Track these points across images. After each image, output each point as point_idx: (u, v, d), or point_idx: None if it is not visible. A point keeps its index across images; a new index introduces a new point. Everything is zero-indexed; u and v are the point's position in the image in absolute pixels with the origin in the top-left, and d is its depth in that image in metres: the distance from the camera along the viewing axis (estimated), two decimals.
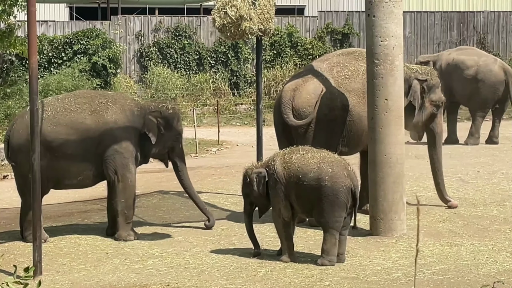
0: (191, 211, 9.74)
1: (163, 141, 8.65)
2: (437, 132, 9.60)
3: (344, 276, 7.03)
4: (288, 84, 9.05)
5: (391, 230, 8.32)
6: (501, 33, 23.68)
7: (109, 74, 18.92)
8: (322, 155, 7.44)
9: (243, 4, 9.65)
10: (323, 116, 8.77)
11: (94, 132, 8.42)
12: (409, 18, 22.69)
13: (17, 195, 11.36)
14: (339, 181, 7.29)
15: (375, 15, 8.39)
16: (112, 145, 8.42)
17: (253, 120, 18.29)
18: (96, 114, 8.46)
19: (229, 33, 9.88)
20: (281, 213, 7.45)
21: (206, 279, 7.03)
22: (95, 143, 8.42)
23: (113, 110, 8.51)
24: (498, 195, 10.24)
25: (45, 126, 8.37)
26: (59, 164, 8.38)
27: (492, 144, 15.06)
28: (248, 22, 9.70)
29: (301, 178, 7.34)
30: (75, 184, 8.68)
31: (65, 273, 7.42)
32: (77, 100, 8.59)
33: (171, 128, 8.69)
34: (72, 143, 8.38)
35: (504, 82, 14.98)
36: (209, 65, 21.09)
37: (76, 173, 8.49)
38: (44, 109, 8.49)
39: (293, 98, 8.82)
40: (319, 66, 9.14)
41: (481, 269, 7.13)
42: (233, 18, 9.66)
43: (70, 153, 8.39)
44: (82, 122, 8.43)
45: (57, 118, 8.43)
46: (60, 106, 8.53)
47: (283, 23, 21.88)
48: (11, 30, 14.04)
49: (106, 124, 8.44)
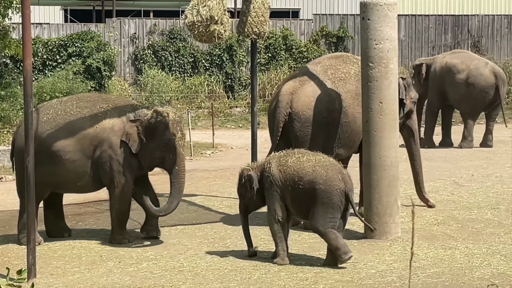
0: (185, 213, 9.74)
1: (148, 150, 8.34)
2: (414, 128, 9.67)
3: (339, 279, 7.03)
4: (284, 88, 8.92)
5: (385, 233, 8.32)
6: (496, 37, 23.74)
7: (104, 76, 18.91)
8: (317, 159, 7.48)
9: (217, 6, 9.50)
10: (322, 119, 8.75)
11: (92, 137, 8.35)
12: (403, 21, 22.73)
13: (11, 197, 11.37)
14: (333, 184, 7.33)
15: (369, 18, 8.40)
16: (108, 151, 8.35)
17: (247, 123, 18.31)
18: (95, 119, 8.40)
19: (196, 32, 9.60)
20: (277, 215, 7.48)
21: (201, 282, 7.03)
22: (92, 148, 8.37)
23: (111, 115, 8.43)
24: (492, 198, 10.26)
25: (44, 129, 8.36)
26: (57, 169, 8.34)
27: (486, 147, 15.09)
28: (218, 25, 9.55)
29: (296, 181, 7.38)
30: (75, 189, 8.64)
31: (59, 275, 7.41)
32: (79, 104, 8.56)
33: (155, 138, 8.32)
34: (70, 147, 8.34)
35: (495, 86, 15.02)
36: (204, 68, 21.10)
37: (75, 179, 8.43)
38: (46, 111, 8.50)
39: (291, 101, 8.76)
40: (314, 68, 9.12)
41: (475, 272, 7.13)
42: (203, 18, 9.52)
43: (68, 158, 8.35)
44: (81, 127, 8.38)
45: (56, 121, 8.41)
46: (62, 109, 8.51)
47: (277, 26, 21.90)
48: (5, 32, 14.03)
49: (103, 129, 8.36)
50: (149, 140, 8.30)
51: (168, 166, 8.35)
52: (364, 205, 8.55)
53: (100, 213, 10.07)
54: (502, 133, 16.40)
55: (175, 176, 8.32)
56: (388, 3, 8.40)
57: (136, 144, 8.31)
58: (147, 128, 8.31)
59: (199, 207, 10.22)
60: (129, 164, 8.39)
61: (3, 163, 14.44)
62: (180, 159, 8.35)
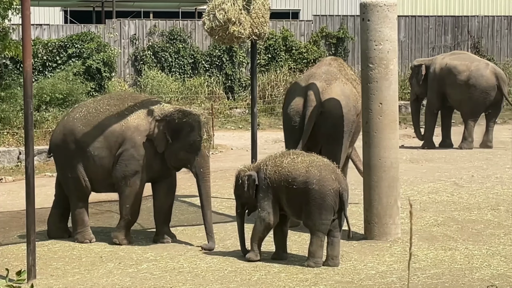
0: (185, 214, 9.73)
1: (173, 151, 8.36)
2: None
3: (339, 280, 7.03)
4: (312, 89, 8.94)
5: (385, 234, 8.32)
6: (495, 38, 23.74)
7: (104, 77, 18.89)
8: (311, 159, 7.55)
9: (232, 8, 9.58)
10: (351, 117, 8.95)
11: (118, 135, 8.43)
12: (403, 22, 22.73)
13: (10, 198, 11.37)
14: (327, 184, 7.36)
15: (369, 19, 8.41)
16: (130, 150, 8.39)
17: (247, 124, 18.30)
18: (122, 117, 8.48)
19: (217, 37, 9.78)
20: (268, 217, 7.53)
21: (201, 283, 7.03)
22: (118, 147, 8.43)
23: (137, 114, 8.48)
24: (492, 199, 10.26)
25: (76, 126, 8.54)
26: (89, 164, 8.48)
27: (486, 148, 15.09)
28: (237, 26, 9.62)
29: (290, 182, 7.43)
30: (106, 187, 8.70)
31: (59, 277, 7.40)
32: (109, 102, 8.67)
33: (181, 138, 8.33)
34: (98, 144, 8.45)
35: (496, 87, 15.01)
36: (204, 69, 21.09)
37: (105, 176, 8.50)
38: (79, 109, 8.76)
39: (322, 101, 8.86)
40: (330, 70, 9.23)
41: (475, 273, 7.13)
42: (221, 22, 9.60)
43: (97, 154, 8.45)
44: (108, 124, 8.47)
45: (87, 118, 8.55)
46: (94, 107, 8.66)
47: (277, 27, 21.90)
48: (5, 33, 14.03)
49: (128, 128, 8.42)
50: (174, 140, 8.31)
51: (193, 167, 8.34)
52: (364, 206, 8.56)
53: (100, 214, 10.07)
54: (502, 134, 16.40)
55: (200, 178, 8.35)
56: (388, 4, 8.40)
57: (162, 143, 8.33)
58: (173, 128, 8.33)
59: (199, 208, 10.19)
60: (150, 165, 8.42)
61: (3, 164, 14.44)
62: (205, 161, 8.36)
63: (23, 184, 7.71)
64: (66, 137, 8.58)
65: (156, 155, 8.39)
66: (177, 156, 8.35)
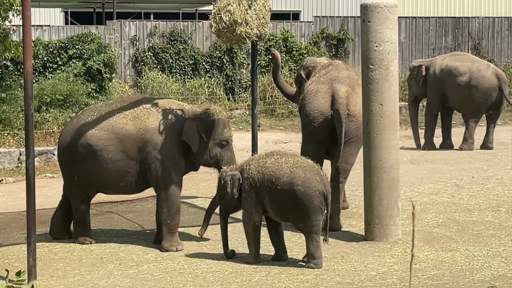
0: (186, 215, 9.73)
1: (207, 149, 8.45)
2: None
3: (339, 281, 7.03)
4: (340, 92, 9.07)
5: (386, 235, 8.32)
6: (496, 39, 23.74)
7: (104, 78, 18.88)
8: (295, 160, 7.55)
9: (238, 9, 9.65)
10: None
11: (135, 138, 8.38)
12: (404, 23, 22.73)
13: (11, 199, 11.38)
14: (312, 185, 7.36)
15: (370, 20, 8.41)
16: (152, 152, 8.35)
17: (248, 125, 18.29)
18: (138, 119, 8.43)
19: (225, 38, 9.89)
20: (253, 217, 7.55)
21: (201, 284, 7.03)
22: (135, 149, 8.39)
23: (155, 116, 8.45)
24: (492, 200, 10.25)
25: (87, 129, 8.48)
26: (100, 167, 8.41)
27: (487, 149, 15.08)
28: (244, 26, 9.70)
29: (274, 183, 7.42)
30: (117, 189, 8.68)
31: (60, 278, 7.41)
32: (123, 105, 8.64)
33: (214, 136, 8.43)
34: (112, 147, 8.40)
35: (497, 88, 15.01)
36: (204, 70, 21.09)
37: (117, 178, 8.46)
38: (91, 112, 8.66)
39: (348, 104, 9.03)
40: (351, 74, 9.40)
41: (476, 275, 7.13)
42: (228, 23, 9.67)
43: (110, 157, 8.39)
44: (123, 128, 8.41)
45: (100, 122, 8.50)
46: (106, 110, 8.61)
47: (278, 28, 21.90)
48: (6, 34, 14.02)
49: (147, 130, 8.38)
50: (208, 138, 8.40)
51: (224, 163, 8.43)
52: (365, 207, 8.56)
53: (101, 215, 10.07)
54: (502, 135, 16.40)
55: None
56: (388, 5, 8.40)
57: (196, 142, 8.36)
58: (207, 126, 8.39)
59: (200, 209, 10.22)
60: (177, 165, 8.41)
61: (4, 165, 14.44)
62: (234, 156, 8.60)
63: (23, 185, 7.71)
64: (76, 140, 8.49)
65: (180, 155, 8.40)
66: (211, 153, 8.45)
